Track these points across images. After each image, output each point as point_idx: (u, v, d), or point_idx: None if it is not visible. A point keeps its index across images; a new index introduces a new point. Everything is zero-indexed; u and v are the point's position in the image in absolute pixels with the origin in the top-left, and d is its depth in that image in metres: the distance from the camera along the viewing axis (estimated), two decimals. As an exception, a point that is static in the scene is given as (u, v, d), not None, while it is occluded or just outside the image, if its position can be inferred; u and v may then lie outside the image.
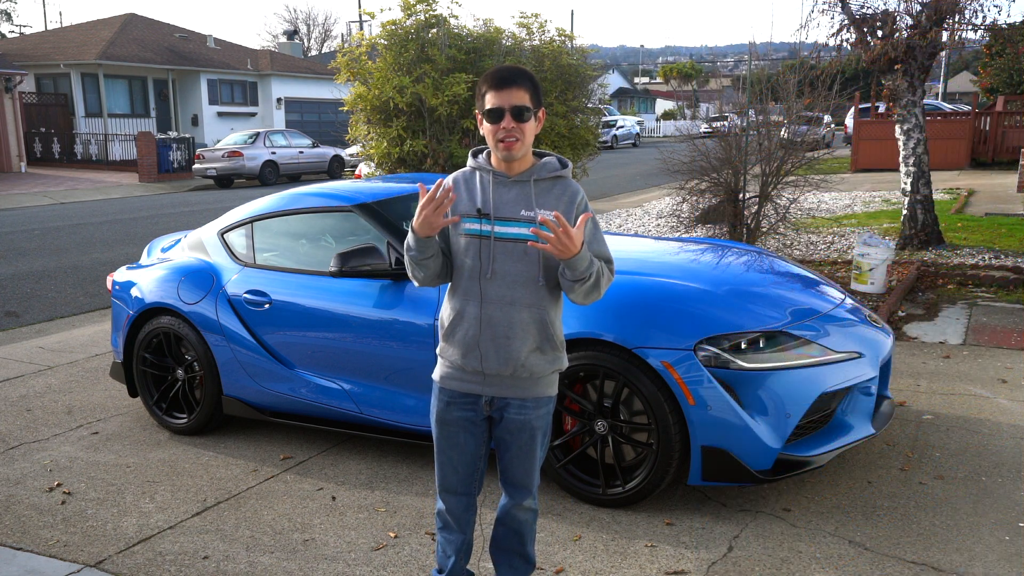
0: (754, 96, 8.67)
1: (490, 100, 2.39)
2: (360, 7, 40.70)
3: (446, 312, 2.53)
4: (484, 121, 2.43)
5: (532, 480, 2.59)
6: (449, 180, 2.54)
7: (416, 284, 2.52)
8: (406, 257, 2.46)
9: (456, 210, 2.48)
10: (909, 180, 9.06)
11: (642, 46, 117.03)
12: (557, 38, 9.91)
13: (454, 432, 2.54)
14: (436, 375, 2.58)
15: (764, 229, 7.95)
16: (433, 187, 2.30)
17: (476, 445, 2.56)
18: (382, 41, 9.07)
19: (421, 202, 2.31)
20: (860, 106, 20.68)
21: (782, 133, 8.04)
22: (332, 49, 62.92)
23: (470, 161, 2.56)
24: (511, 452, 2.54)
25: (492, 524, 2.90)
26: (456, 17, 9.29)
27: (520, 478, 2.58)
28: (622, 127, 40.42)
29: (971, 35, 9.13)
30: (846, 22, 8.96)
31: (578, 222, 2.31)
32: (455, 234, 2.48)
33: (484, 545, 3.27)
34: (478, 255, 2.44)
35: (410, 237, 2.41)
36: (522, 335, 2.43)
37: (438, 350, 2.57)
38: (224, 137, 26.30)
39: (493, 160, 2.49)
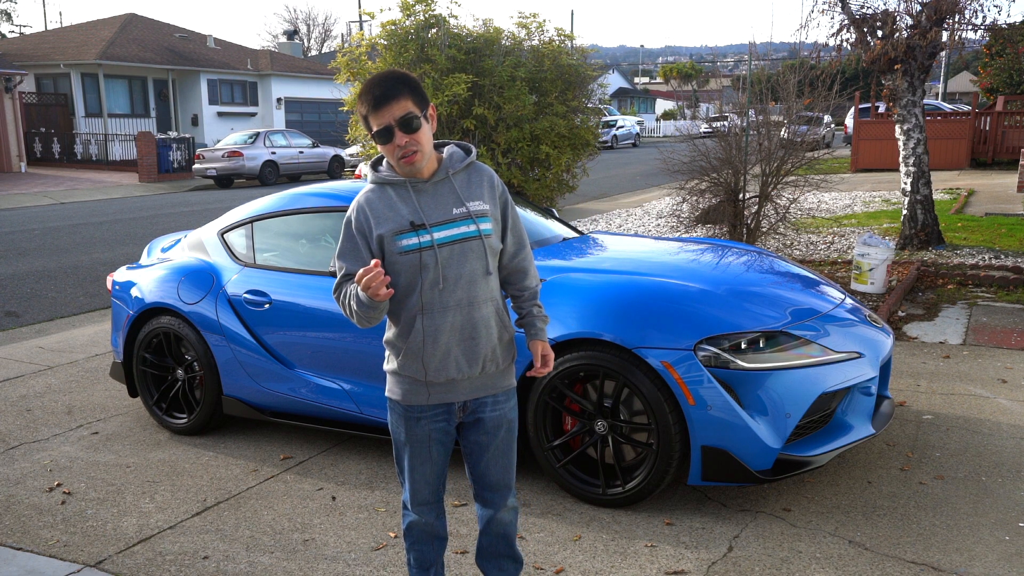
0: (754, 96, 8.67)
1: (374, 122, 2.26)
2: (360, 7, 40.73)
3: (398, 333, 2.40)
4: (376, 142, 2.30)
5: (512, 477, 2.56)
6: (363, 204, 2.36)
7: (361, 328, 2.40)
8: (350, 311, 2.33)
9: (386, 231, 2.33)
10: (909, 180, 9.06)
11: (642, 46, 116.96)
12: (556, 38, 9.91)
13: (426, 447, 2.45)
14: (395, 395, 2.45)
15: (764, 229, 7.94)
16: (368, 273, 2.16)
17: (445, 454, 2.51)
18: (382, 41, 9.09)
19: (365, 280, 2.16)
20: (860, 106, 20.67)
21: (782, 133, 8.03)
22: (332, 49, 62.94)
23: (372, 176, 2.39)
24: (489, 453, 2.49)
25: (473, 534, 2.90)
26: (455, 17, 9.30)
27: (501, 477, 2.53)
28: (622, 127, 40.42)
29: (971, 35, 9.15)
30: (846, 22, 8.96)
31: (540, 355, 2.49)
32: (391, 254, 2.33)
33: (464, 543, 3.26)
34: (425, 268, 2.32)
35: (362, 296, 2.24)
36: (486, 332, 2.40)
37: (395, 367, 2.43)
38: (224, 137, 26.31)
39: (399, 169, 2.35)
